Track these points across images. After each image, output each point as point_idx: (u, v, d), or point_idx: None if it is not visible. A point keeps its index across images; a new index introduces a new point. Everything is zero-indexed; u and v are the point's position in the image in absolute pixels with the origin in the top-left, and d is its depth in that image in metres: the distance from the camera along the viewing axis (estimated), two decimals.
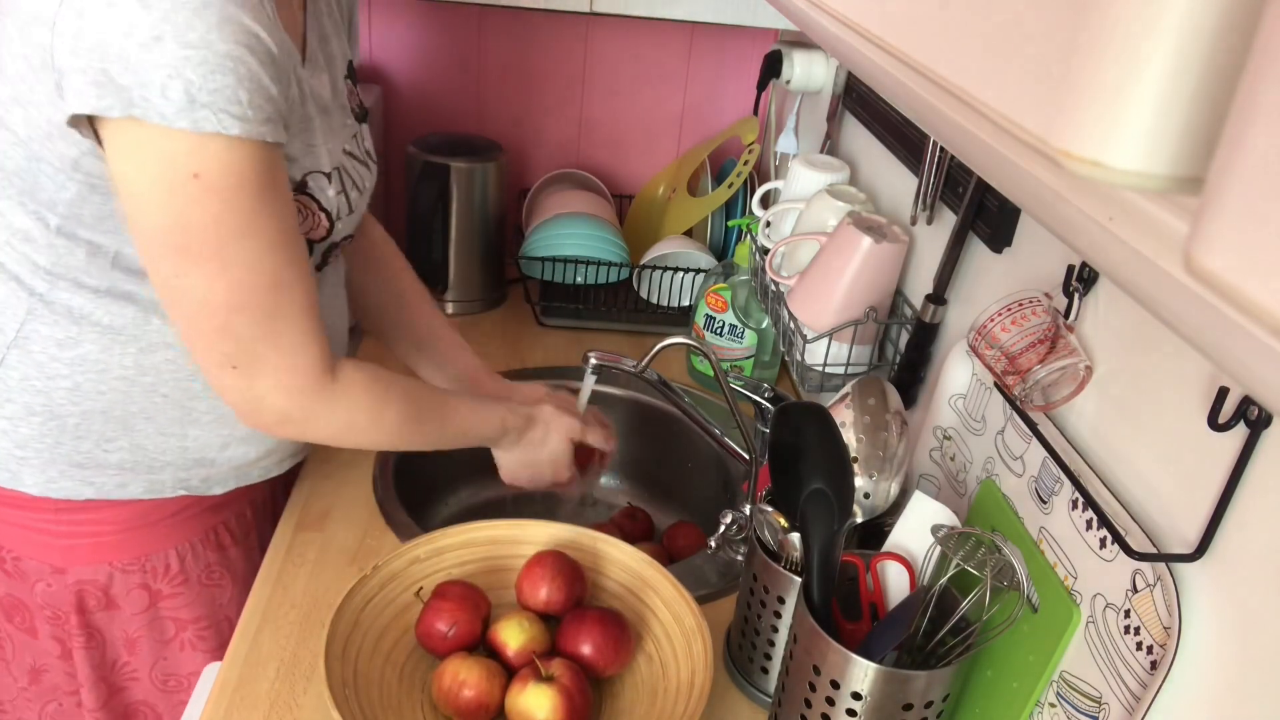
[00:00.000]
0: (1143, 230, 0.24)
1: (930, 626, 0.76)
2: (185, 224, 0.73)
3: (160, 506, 0.96)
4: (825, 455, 0.81)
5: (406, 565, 0.94)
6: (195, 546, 1.01)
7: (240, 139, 0.71)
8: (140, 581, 0.99)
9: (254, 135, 0.72)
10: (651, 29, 1.68)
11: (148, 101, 0.68)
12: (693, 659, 0.87)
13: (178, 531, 0.99)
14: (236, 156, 0.72)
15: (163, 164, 0.71)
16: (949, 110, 0.30)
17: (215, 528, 1.02)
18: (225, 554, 1.04)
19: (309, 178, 0.86)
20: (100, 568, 0.96)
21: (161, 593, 1.00)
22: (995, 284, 0.92)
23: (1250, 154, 0.18)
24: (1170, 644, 0.60)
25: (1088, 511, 0.70)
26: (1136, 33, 0.20)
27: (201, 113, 0.69)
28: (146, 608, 1.00)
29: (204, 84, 0.68)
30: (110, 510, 0.94)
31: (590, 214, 1.54)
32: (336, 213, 0.90)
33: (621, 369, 1.06)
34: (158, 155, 0.71)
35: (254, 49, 0.70)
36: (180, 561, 1.00)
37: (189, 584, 1.01)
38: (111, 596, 0.98)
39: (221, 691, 0.87)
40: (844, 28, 0.40)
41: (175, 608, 1.02)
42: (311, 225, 0.88)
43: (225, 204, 0.73)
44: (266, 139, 0.73)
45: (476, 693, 0.82)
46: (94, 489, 0.92)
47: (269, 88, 0.72)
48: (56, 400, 0.88)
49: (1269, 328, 0.18)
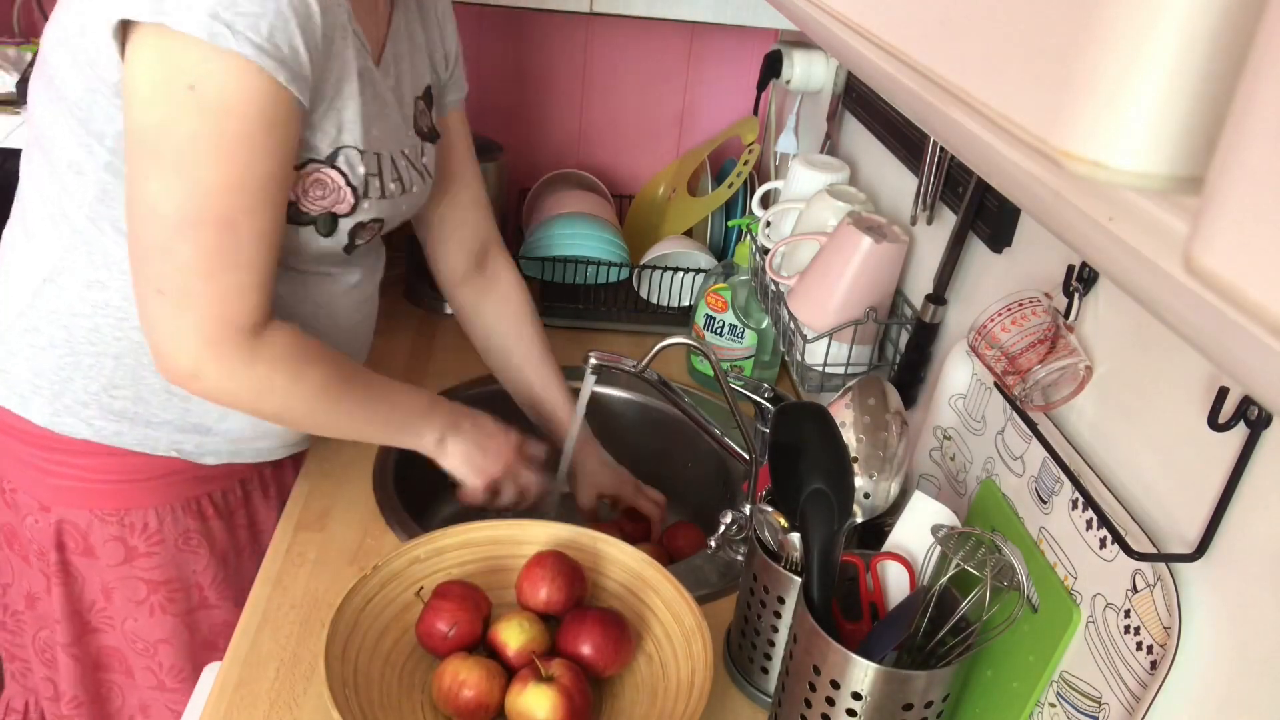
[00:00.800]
0: (1143, 230, 0.24)
1: (930, 626, 0.76)
2: (164, 129, 0.75)
3: (149, 465, 0.98)
4: (825, 455, 0.81)
5: (406, 565, 0.94)
6: (175, 510, 1.03)
7: (250, 64, 0.73)
8: (117, 534, 1.01)
9: (265, 66, 0.74)
10: (651, 29, 1.68)
11: (176, 9, 0.71)
12: (693, 658, 0.87)
13: (160, 493, 1.01)
14: (236, 79, 0.74)
15: (167, 68, 0.74)
16: (949, 110, 0.30)
17: (199, 497, 1.04)
18: (206, 524, 1.06)
19: (341, 152, 0.87)
20: (81, 512, 0.99)
21: (137, 549, 1.02)
22: (995, 284, 0.92)
23: (1250, 153, 0.18)
24: (1170, 644, 0.60)
25: (1088, 511, 0.70)
26: (1136, 33, 0.20)
27: (220, 28, 0.72)
28: (121, 561, 1.02)
29: (231, 5, 0.72)
30: (100, 458, 0.97)
31: (590, 214, 1.54)
32: (364, 189, 0.90)
33: (621, 369, 1.06)
34: (165, 58, 0.74)
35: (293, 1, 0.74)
36: (159, 521, 1.02)
37: (164, 545, 1.03)
38: (90, 543, 1.01)
39: (221, 691, 0.87)
40: (844, 28, 0.40)
41: (149, 567, 1.03)
42: (337, 199, 0.89)
43: (206, 123, 0.75)
44: (277, 78, 0.75)
45: (476, 693, 0.82)
46: (92, 430, 0.95)
47: (295, 36, 0.75)
48: (77, 337, 0.91)
49: (1269, 328, 0.18)
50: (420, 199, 1.03)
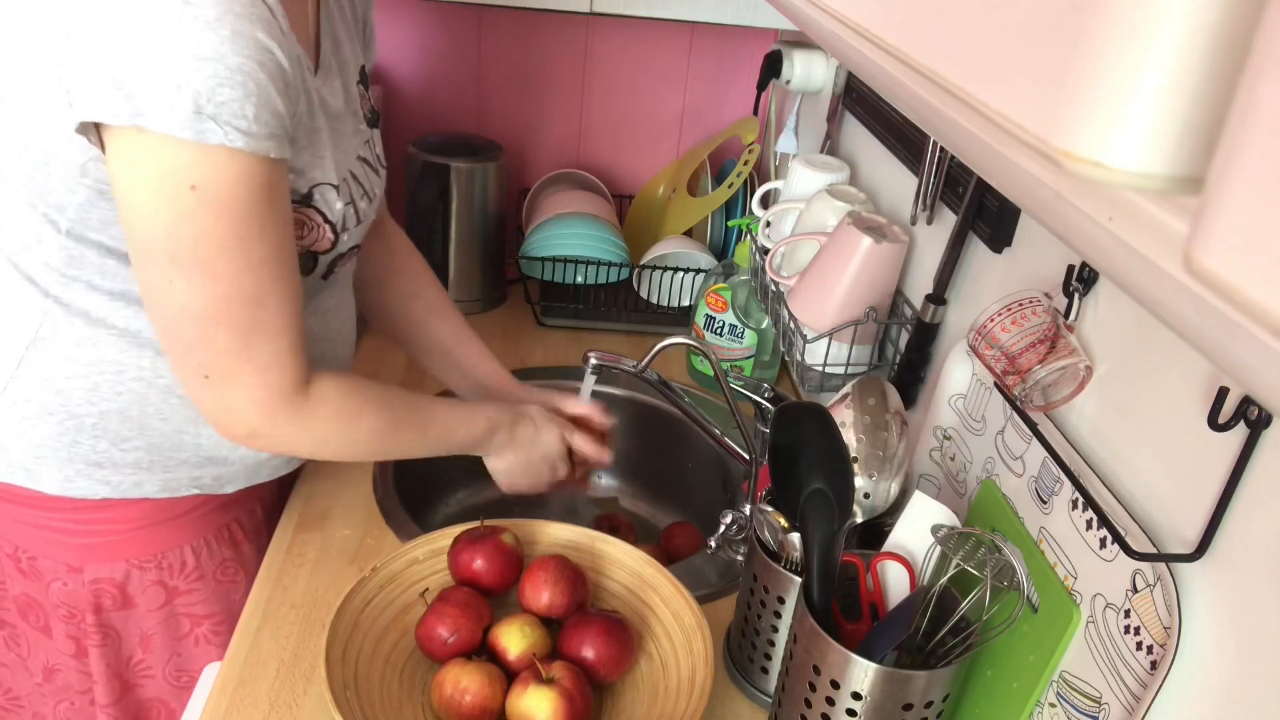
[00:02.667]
0: (1143, 230, 0.24)
1: (930, 626, 0.76)
2: (176, 234, 0.74)
3: (174, 505, 0.97)
4: (825, 455, 0.81)
5: (405, 566, 0.94)
6: (210, 543, 1.01)
7: (243, 153, 0.71)
8: (157, 578, 0.99)
9: (257, 150, 0.72)
10: (651, 29, 1.68)
11: (154, 110, 0.68)
12: (693, 656, 0.87)
13: (192, 528, 0.99)
14: (236, 171, 0.72)
15: (162, 173, 0.71)
16: (949, 110, 0.30)
17: (228, 524, 1.03)
18: (239, 550, 1.05)
19: (316, 190, 0.86)
20: (117, 565, 0.97)
21: (178, 589, 1.01)
22: (995, 284, 0.92)
23: (1250, 154, 0.18)
24: (1170, 644, 0.60)
25: (1088, 511, 0.70)
26: (1137, 32, 0.20)
27: (207, 124, 0.69)
28: (163, 604, 1.01)
29: (212, 96, 0.68)
30: (125, 509, 0.95)
31: (590, 214, 1.54)
32: (342, 224, 0.90)
33: (621, 369, 1.06)
34: (157, 164, 0.71)
35: (265, 64, 0.71)
36: (196, 557, 1.00)
37: (204, 580, 1.02)
38: (128, 594, 0.99)
39: (222, 691, 0.87)
40: (844, 28, 0.40)
41: (190, 604, 1.02)
42: (316, 238, 0.88)
43: (218, 218, 0.73)
44: (270, 155, 0.73)
45: (478, 699, 0.81)
46: (110, 488, 0.93)
47: (276, 103, 0.73)
48: (74, 400, 0.88)
49: (1269, 328, 0.18)
50: (380, 195, 1.00)
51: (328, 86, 0.88)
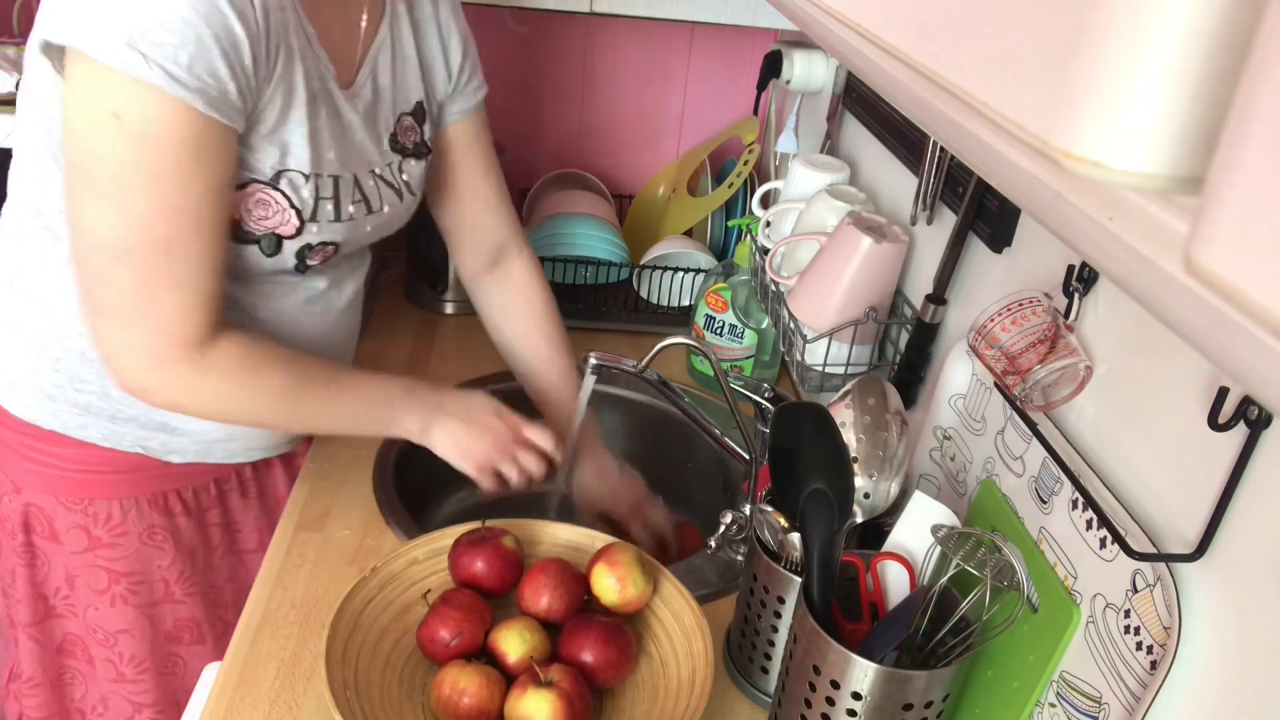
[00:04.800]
0: (1143, 230, 0.24)
1: (930, 626, 0.76)
2: (95, 156, 0.76)
3: (115, 458, 1.00)
4: (825, 455, 0.81)
5: (405, 566, 0.94)
6: (140, 504, 1.03)
7: (166, 94, 0.74)
8: (80, 522, 1.02)
9: (180, 96, 0.74)
10: (651, 29, 1.68)
11: (89, 34, 0.72)
12: (693, 656, 0.87)
13: (125, 487, 1.02)
14: (159, 110, 0.74)
15: (91, 95, 0.75)
16: (949, 110, 0.30)
17: (166, 493, 1.05)
18: (173, 520, 1.06)
19: (284, 175, 0.87)
20: (47, 497, 1.01)
21: (100, 539, 1.03)
22: (995, 284, 0.92)
23: (1250, 153, 0.18)
24: (1170, 644, 0.60)
25: (1088, 511, 0.70)
26: (1137, 32, 0.20)
27: (134, 57, 0.72)
28: (84, 549, 1.03)
29: (146, 34, 0.72)
30: (67, 448, 0.99)
31: (590, 214, 1.54)
32: (311, 213, 0.90)
33: (621, 369, 1.06)
34: (89, 85, 0.75)
35: (212, 23, 0.74)
36: (123, 514, 1.03)
37: (127, 537, 1.04)
38: (55, 529, 1.02)
39: (221, 691, 0.87)
40: (844, 28, 0.40)
41: (112, 558, 1.04)
42: (280, 221, 0.89)
43: (134, 150, 0.76)
44: (196, 107, 0.75)
45: (476, 701, 0.81)
46: (58, 422, 0.97)
47: (216, 65, 0.75)
48: (46, 330, 0.93)
49: (1269, 328, 0.18)
50: (396, 217, 1.02)
51: (351, 102, 0.92)
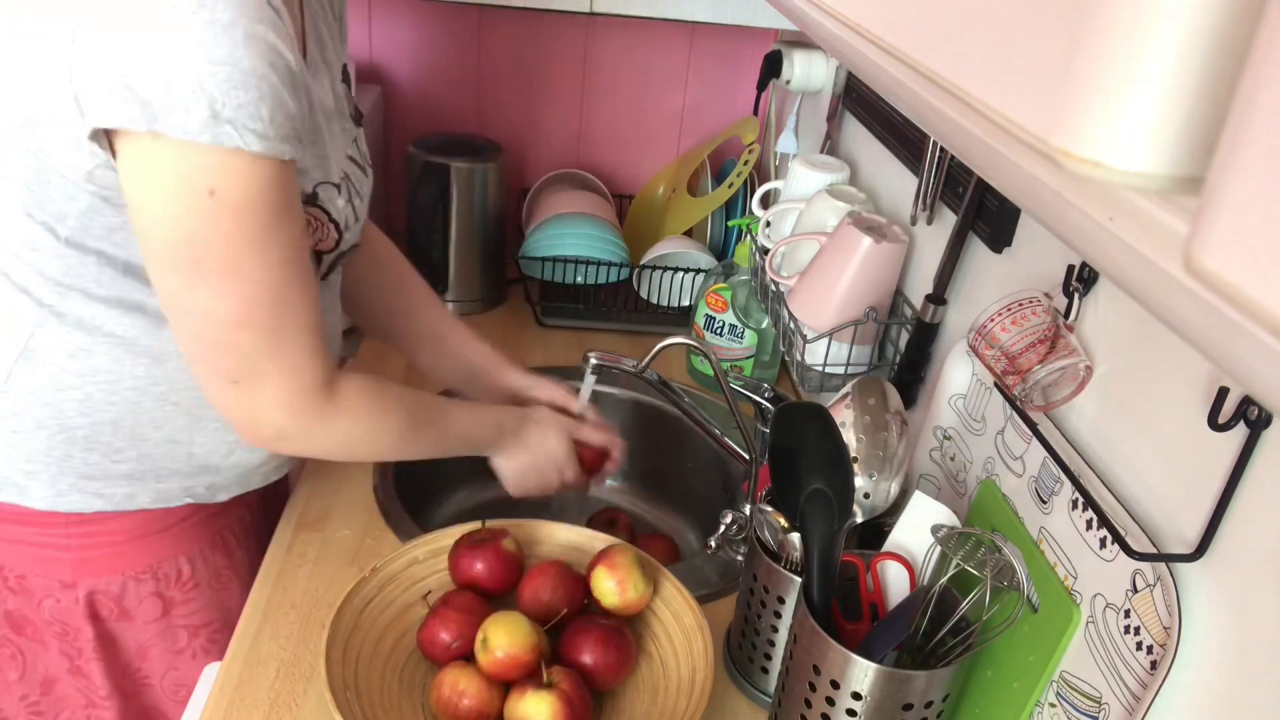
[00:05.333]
0: (1143, 230, 0.24)
1: (930, 626, 0.76)
2: (197, 239, 0.73)
3: (167, 515, 0.96)
4: (825, 455, 0.81)
5: (405, 566, 0.94)
6: (204, 551, 1.01)
7: (260, 156, 0.71)
8: (153, 589, 0.98)
9: (273, 153, 0.72)
10: (651, 29, 1.68)
11: (171, 116, 0.68)
12: (693, 656, 0.87)
13: (187, 538, 0.99)
14: (255, 174, 0.72)
15: (180, 179, 0.71)
16: (949, 110, 0.30)
17: (221, 531, 1.03)
18: (232, 557, 1.04)
19: (320, 189, 0.86)
20: (113, 578, 0.96)
21: (175, 599, 1.00)
22: (995, 284, 0.92)
23: (1250, 154, 0.18)
24: (1170, 644, 0.60)
25: (1088, 511, 0.70)
26: (1136, 32, 0.20)
27: (224, 128, 0.69)
28: (160, 615, 1.00)
29: (228, 100, 0.68)
30: (119, 521, 0.94)
31: (590, 214, 1.54)
32: (345, 223, 0.90)
33: (621, 369, 1.06)
34: (175, 170, 0.70)
35: (276, 66, 0.70)
36: (191, 566, 1.00)
37: (200, 589, 1.01)
38: (125, 606, 0.98)
39: (221, 691, 0.87)
40: (844, 28, 0.40)
41: (188, 614, 1.01)
42: (321, 236, 0.88)
43: (239, 221, 0.73)
44: (284, 156, 0.73)
45: (476, 702, 0.81)
46: (103, 500, 0.92)
47: (289, 104, 0.72)
48: (66, 412, 0.87)
49: (1269, 328, 0.18)
50: (369, 196, 0.99)
51: (318, 85, 0.88)
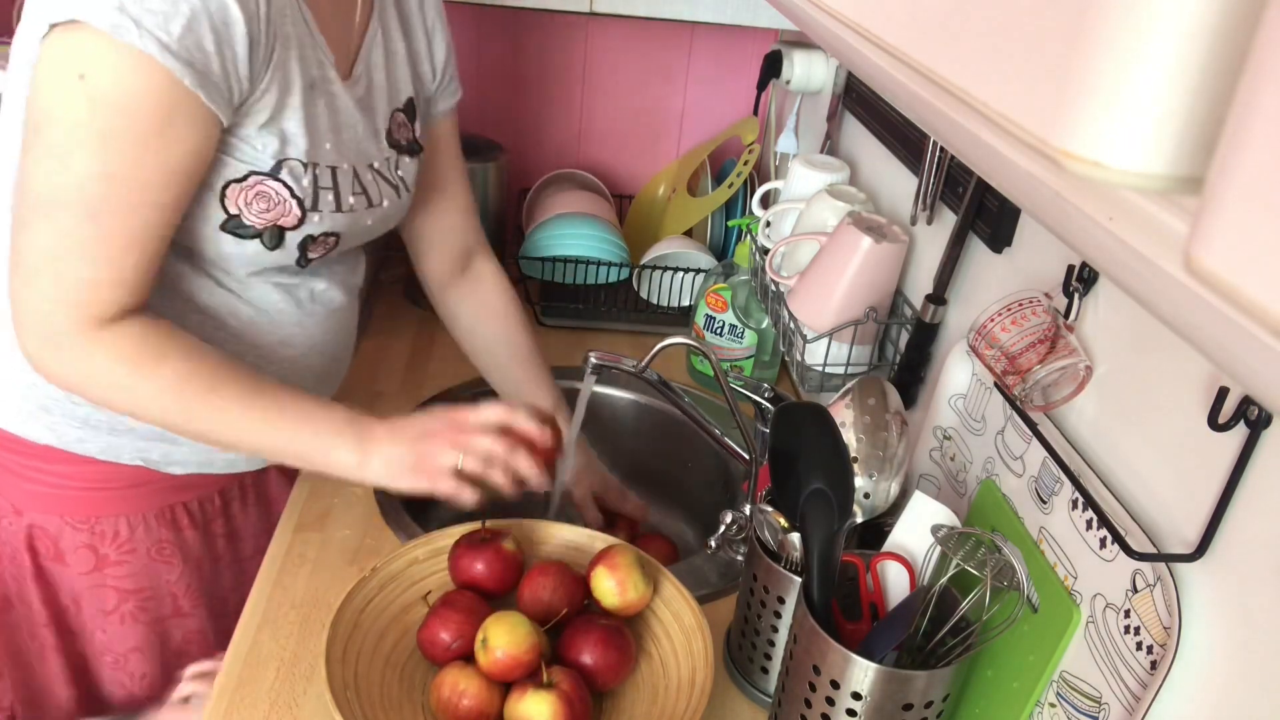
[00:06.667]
0: (1143, 230, 0.24)
1: (930, 626, 0.76)
2: (49, 114, 0.75)
3: (118, 473, 0.98)
4: (825, 455, 0.81)
5: (405, 566, 0.94)
6: (147, 519, 1.02)
7: (152, 60, 0.72)
8: (87, 541, 1.00)
9: (168, 65, 0.73)
10: (651, 29, 1.68)
11: (88, 4, 0.71)
12: (693, 656, 0.87)
13: (131, 502, 1.00)
14: (134, 76, 0.73)
15: (66, 57, 0.74)
16: (949, 110, 0.30)
17: (173, 506, 1.03)
18: (180, 534, 1.05)
19: (284, 164, 0.86)
20: (51, 518, 0.99)
21: (108, 558, 1.01)
22: (995, 284, 0.92)
23: (1250, 154, 0.18)
24: (1170, 644, 0.60)
25: (1088, 511, 0.70)
26: (1136, 32, 0.20)
27: (125, 22, 0.71)
28: (91, 569, 1.01)
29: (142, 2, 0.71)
30: (68, 464, 0.96)
31: (590, 214, 1.54)
32: (312, 202, 0.89)
33: (621, 369, 1.06)
34: (67, 49, 0.73)
35: (209, 5, 0.73)
36: (130, 530, 1.01)
37: (136, 554, 1.02)
38: (60, 549, 1.00)
39: (221, 691, 0.87)
40: (844, 28, 0.40)
41: (119, 576, 1.03)
42: (282, 212, 0.88)
43: (93, 112, 0.74)
44: (182, 80, 0.74)
45: (476, 702, 0.81)
46: (55, 436, 0.95)
47: (208, 43, 0.74)
48: None
49: (1269, 328, 0.18)
50: (394, 213, 1.01)
51: (350, 91, 0.92)
